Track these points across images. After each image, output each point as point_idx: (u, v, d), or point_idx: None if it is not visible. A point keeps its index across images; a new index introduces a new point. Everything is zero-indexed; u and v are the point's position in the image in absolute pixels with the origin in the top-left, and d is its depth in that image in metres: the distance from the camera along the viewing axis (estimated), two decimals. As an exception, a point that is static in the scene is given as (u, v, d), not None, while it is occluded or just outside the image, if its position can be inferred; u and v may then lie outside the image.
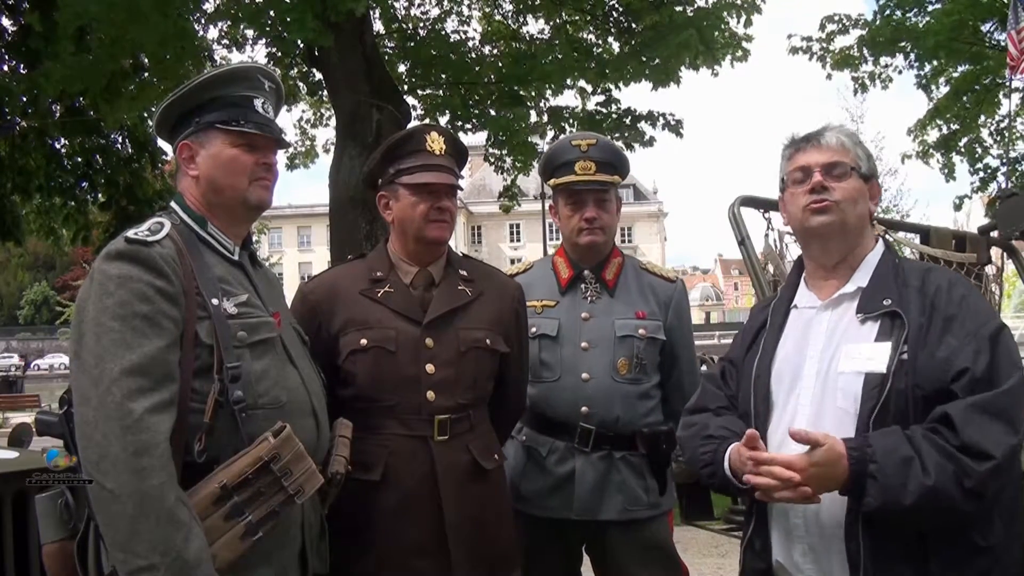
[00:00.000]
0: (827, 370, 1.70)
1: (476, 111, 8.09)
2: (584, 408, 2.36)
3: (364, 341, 2.06)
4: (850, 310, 1.73)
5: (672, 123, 8.87)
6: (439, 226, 2.12)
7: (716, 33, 8.18)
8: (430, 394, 2.05)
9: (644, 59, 8.21)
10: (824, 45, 11.26)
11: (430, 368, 2.06)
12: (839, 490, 1.56)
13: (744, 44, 8.59)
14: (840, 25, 11.20)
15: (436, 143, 2.15)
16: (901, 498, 1.49)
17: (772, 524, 1.75)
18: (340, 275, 2.23)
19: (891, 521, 1.55)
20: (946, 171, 12.15)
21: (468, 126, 8.13)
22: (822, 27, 11.28)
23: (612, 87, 8.89)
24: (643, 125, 8.86)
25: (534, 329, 2.42)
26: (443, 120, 8.17)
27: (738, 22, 8.46)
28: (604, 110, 8.94)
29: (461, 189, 2.21)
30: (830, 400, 1.68)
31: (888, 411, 1.59)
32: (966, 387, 1.54)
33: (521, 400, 2.39)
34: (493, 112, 8.37)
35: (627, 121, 8.86)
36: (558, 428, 2.40)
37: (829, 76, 11.50)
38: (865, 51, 11.11)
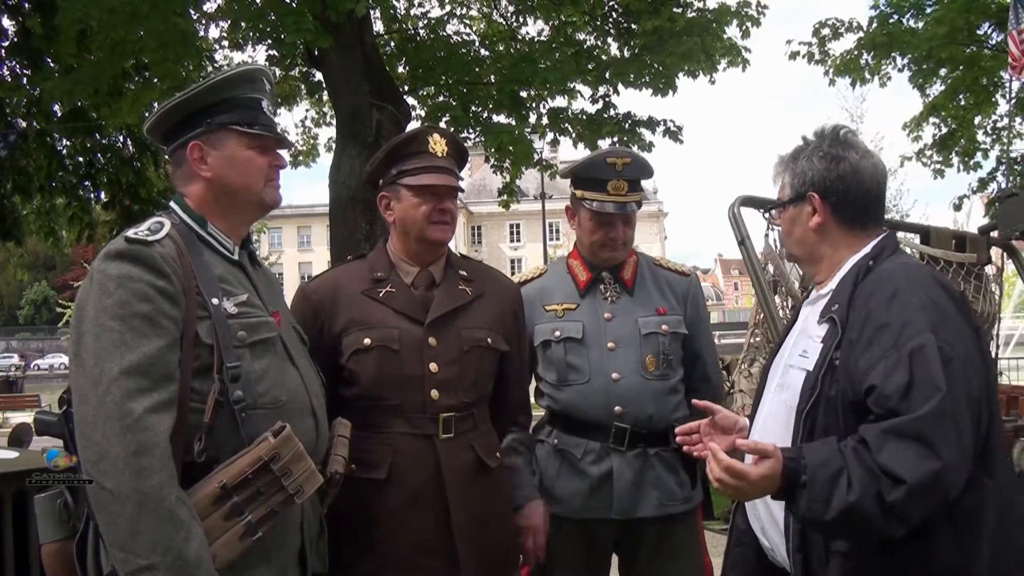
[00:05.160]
0: (788, 365, 1.77)
1: (476, 116, 8.07)
2: (618, 408, 2.36)
3: (368, 341, 2.07)
4: (819, 309, 1.76)
5: (672, 129, 8.86)
6: (441, 227, 2.14)
7: (718, 44, 8.19)
8: (434, 393, 2.07)
9: (646, 62, 8.21)
10: (820, 49, 11.23)
11: (433, 367, 2.08)
12: (773, 495, 1.56)
13: (744, 54, 8.60)
14: (833, 30, 11.18)
15: (438, 145, 2.16)
16: (823, 512, 1.47)
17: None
18: (342, 275, 2.24)
19: (817, 532, 1.57)
20: (938, 168, 12.10)
21: (468, 135, 8.12)
22: (815, 32, 11.27)
23: (611, 91, 8.89)
24: (642, 130, 8.85)
25: (558, 332, 2.42)
26: (443, 124, 8.16)
27: (739, 30, 8.48)
28: (605, 114, 8.93)
29: (462, 191, 2.22)
30: (784, 394, 1.74)
31: (817, 413, 1.60)
32: (874, 403, 1.50)
33: (521, 398, 2.40)
34: (493, 117, 8.35)
35: (627, 126, 8.85)
36: (591, 429, 2.39)
37: (832, 83, 11.46)
38: (864, 53, 11.08)
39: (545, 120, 9.08)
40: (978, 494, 1.51)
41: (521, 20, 9.66)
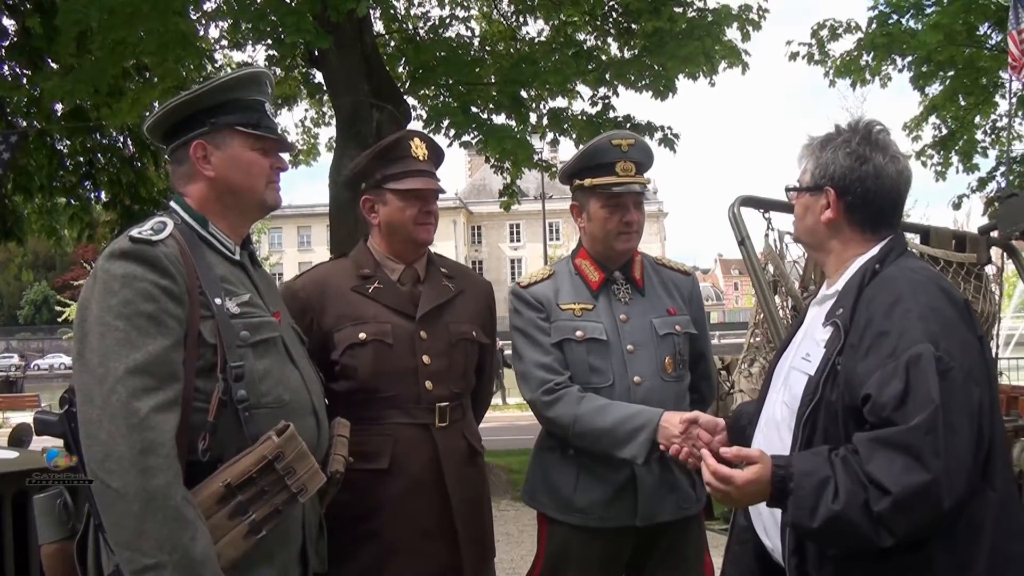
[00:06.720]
0: (791, 367, 1.75)
1: (476, 117, 8.04)
2: None
3: (363, 335, 2.15)
4: (825, 311, 1.72)
5: (668, 137, 8.82)
6: (427, 228, 2.26)
7: (718, 46, 8.18)
8: (428, 384, 2.18)
9: (647, 63, 8.20)
10: (820, 50, 11.21)
11: (426, 359, 2.19)
12: (767, 502, 1.57)
13: (744, 56, 8.58)
14: (832, 31, 11.16)
15: (420, 149, 2.27)
16: (810, 520, 1.47)
17: None
18: (328, 272, 2.31)
19: (809, 540, 1.57)
20: (939, 168, 12.10)
21: (468, 137, 8.11)
22: (814, 34, 11.25)
23: (610, 93, 8.88)
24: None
25: (580, 333, 2.33)
26: (443, 127, 8.12)
27: (740, 33, 8.47)
28: (605, 116, 8.91)
29: (443, 191, 2.33)
30: (786, 396, 1.72)
31: (817, 417, 1.59)
32: (870, 412, 1.49)
33: (490, 389, 2.54)
34: (494, 118, 8.34)
35: (626, 128, 8.83)
36: None
37: (832, 83, 11.45)
38: (864, 54, 11.08)
39: (545, 121, 9.07)
40: (980, 505, 1.50)
41: (521, 20, 9.66)
